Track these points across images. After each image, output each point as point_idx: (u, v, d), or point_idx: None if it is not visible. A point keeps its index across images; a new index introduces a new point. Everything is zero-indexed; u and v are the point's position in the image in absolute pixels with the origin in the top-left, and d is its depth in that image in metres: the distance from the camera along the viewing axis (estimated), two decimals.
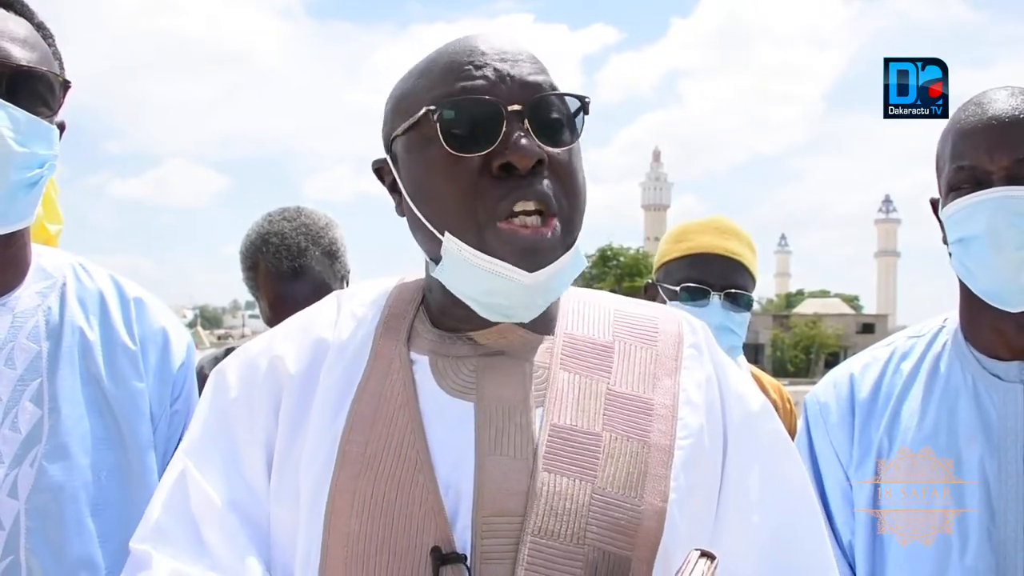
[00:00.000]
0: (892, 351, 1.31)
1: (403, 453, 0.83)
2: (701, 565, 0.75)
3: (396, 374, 0.88)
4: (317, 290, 1.75)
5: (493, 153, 0.82)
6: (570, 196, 0.86)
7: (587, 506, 0.82)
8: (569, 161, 0.86)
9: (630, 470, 0.84)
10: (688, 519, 0.85)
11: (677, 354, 0.93)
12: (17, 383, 1.09)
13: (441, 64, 0.87)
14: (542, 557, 0.79)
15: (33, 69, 1.06)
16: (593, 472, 0.83)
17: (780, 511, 0.90)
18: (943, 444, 1.18)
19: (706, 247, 1.81)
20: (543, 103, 0.85)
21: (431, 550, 0.79)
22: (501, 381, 0.88)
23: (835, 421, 1.28)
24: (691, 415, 0.89)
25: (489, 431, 0.85)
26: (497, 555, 0.80)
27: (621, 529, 0.81)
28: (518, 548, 0.80)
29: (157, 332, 1.23)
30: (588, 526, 0.81)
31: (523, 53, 0.87)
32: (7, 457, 1.06)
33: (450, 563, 0.78)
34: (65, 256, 1.24)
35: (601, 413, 0.87)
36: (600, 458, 0.84)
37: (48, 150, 1.09)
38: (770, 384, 2.11)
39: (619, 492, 0.83)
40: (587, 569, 0.80)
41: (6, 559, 1.04)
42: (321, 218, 1.85)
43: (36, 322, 1.13)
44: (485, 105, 0.83)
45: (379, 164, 0.95)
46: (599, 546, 0.81)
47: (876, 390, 1.27)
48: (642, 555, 0.81)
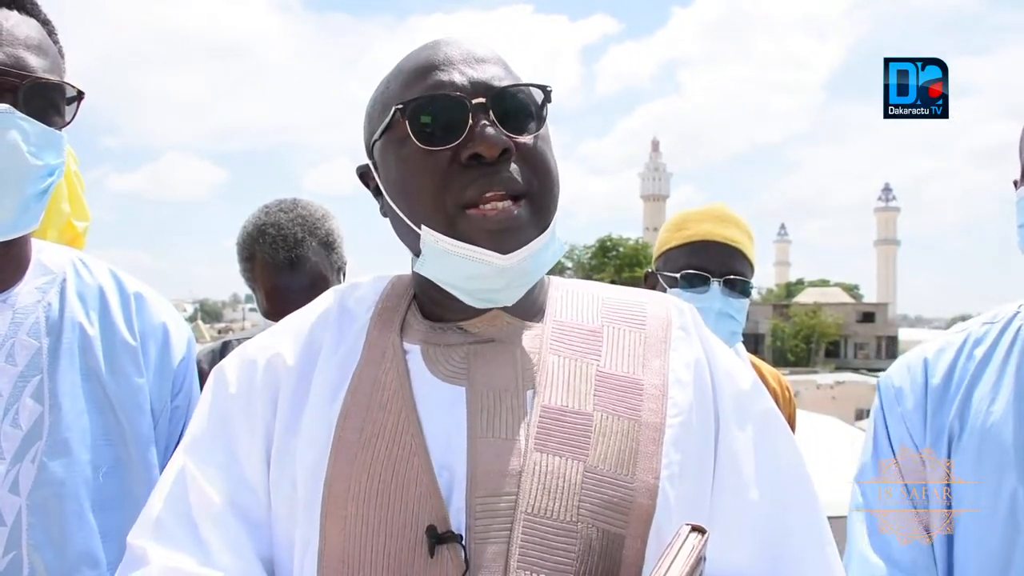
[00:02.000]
0: (966, 336, 1.31)
1: (398, 438, 0.85)
2: (692, 539, 0.76)
3: (390, 363, 0.91)
4: (314, 281, 1.75)
5: (461, 145, 0.86)
6: (540, 178, 0.89)
7: (579, 484, 0.83)
8: (535, 146, 0.90)
9: (621, 448, 0.86)
10: (681, 496, 0.86)
11: (666, 336, 0.95)
12: (18, 379, 1.09)
13: (409, 68, 0.92)
14: (536, 535, 0.81)
15: (49, 80, 1.06)
16: (585, 451, 0.85)
17: (775, 488, 0.91)
18: (1012, 429, 1.18)
19: (705, 235, 1.81)
20: (505, 94, 0.89)
21: (427, 529, 0.81)
22: (491, 366, 0.90)
23: (910, 406, 1.29)
24: (681, 394, 0.91)
25: (481, 414, 0.86)
26: (492, 534, 0.81)
27: (614, 506, 0.83)
28: (512, 527, 0.81)
29: (157, 327, 1.23)
30: (581, 504, 0.82)
31: (488, 53, 0.92)
32: (8, 453, 1.06)
33: (446, 542, 0.80)
34: (65, 251, 1.24)
35: (592, 393, 0.89)
36: (592, 437, 0.86)
37: (58, 158, 1.10)
38: (770, 374, 2.12)
39: (611, 470, 0.84)
40: (581, 546, 0.81)
41: (8, 555, 1.04)
42: (317, 209, 1.85)
43: (36, 318, 1.13)
44: (451, 100, 0.87)
45: (363, 169, 0.99)
46: (593, 523, 0.82)
47: (949, 375, 1.28)
48: (635, 532, 0.83)
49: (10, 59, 1.03)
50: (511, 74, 0.91)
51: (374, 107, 0.95)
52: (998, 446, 1.18)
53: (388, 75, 0.95)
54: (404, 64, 0.93)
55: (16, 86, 1.03)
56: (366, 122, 0.97)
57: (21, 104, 1.03)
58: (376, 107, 0.95)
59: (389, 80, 0.94)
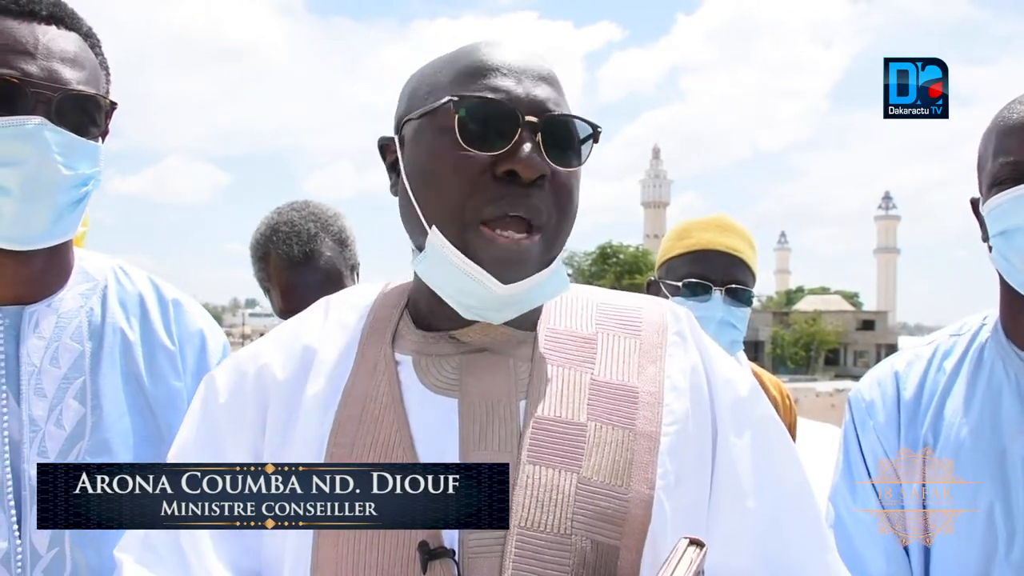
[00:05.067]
0: (935, 349, 1.31)
1: (390, 452, 0.84)
2: (690, 553, 0.74)
3: (381, 375, 0.89)
4: (328, 276, 1.75)
5: (502, 157, 0.83)
6: (561, 215, 0.88)
7: (573, 496, 0.82)
8: (568, 182, 0.88)
9: (616, 458, 0.85)
10: (677, 506, 0.85)
11: (661, 342, 0.94)
12: (62, 381, 1.12)
13: (467, 62, 0.88)
14: (530, 549, 0.80)
15: (82, 92, 1.08)
16: (578, 462, 0.84)
17: (774, 495, 0.90)
18: (987, 440, 1.18)
19: (707, 243, 1.82)
20: (557, 121, 0.86)
21: (419, 545, 0.79)
22: (484, 377, 0.89)
23: (883, 420, 1.28)
24: (676, 401, 0.90)
25: (473, 426, 0.85)
26: (485, 548, 0.80)
27: (608, 518, 0.82)
28: (505, 541, 0.80)
29: (195, 333, 1.26)
30: (575, 516, 0.81)
31: (548, 74, 0.89)
32: (53, 453, 1.09)
33: (438, 557, 0.79)
34: (106, 259, 1.27)
35: (585, 403, 0.88)
36: (585, 448, 0.85)
37: (93, 168, 1.11)
38: (770, 381, 2.12)
39: (605, 481, 0.83)
40: (575, 559, 0.80)
41: (52, 550, 1.07)
42: (329, 208, 1.86)
43: (79, 322, 1.16)
44: (505, 110, 0.84)
45: (385, 141, 0.96)
46: (587, 536, 0.81)
47: (920, 388, 1.28)
48: (630, 544, 0.82)
49: (44, 72, 1.05)
50: (564, 102, 0.89)
51: (418, 86, 0.92)
52: (973, 459, 1.18)
53: (440, 59, 0.93)
54: (463, 54, 0.90)
55: (50, 99, 1.05)
56: (404, 97, 0.94)
57: (54, 116, 1.05)
58: (421, 87, 0.91)
59: (442, 65, 0.91)
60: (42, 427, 1.09)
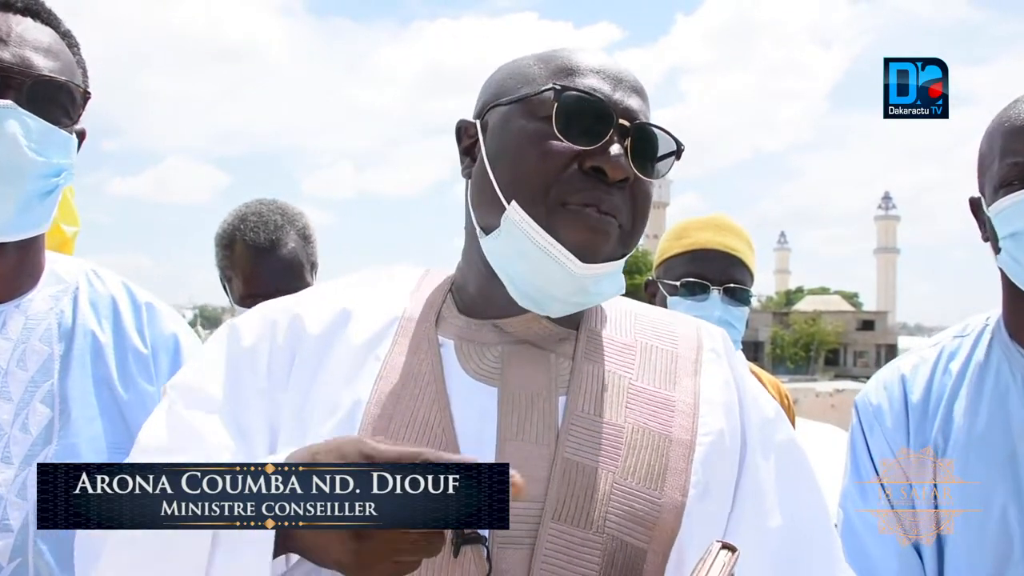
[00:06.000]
0: (940, 351, 1.32)
1: (428, 431, 0.84)
2: (722, 557, 0.74)
3: (424, 354, 0.90)
4: (291, 267, 1.79)
5: (591, 152, 0.86)
6: (636, 219, 0.90)
7: (608, 495, 0.83)
8: (648, 191, 0.91)
9: (651, 463, 0.86)
10: (703, 515, 0.86)
11: (697, 357, 0.96)
12: (28, 384, 1.09)
13: (566, 60, 0.91)
14: (560, 543, 0.80)
15: (54, 79, 1.06)
16: (615, 462, 0.85)
17: (794, 517, 0.92)
18: (998, 441, 1.19)
19: (705, 243, 1.83)
20: (647, 131, 0.90)
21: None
22: (525, 368, 0.89)
23: (891, 424, 1.28)
24: (711, 413, 0.91)
25: (512, 416, 0.86)
26: (516, 540, 0.81)
27: (640, 520, 0.83)
28: (538, 533, 0.81)
29: (168, 338, 1.23)
30: (608, 515, 0.82)
31: (641, 87, 0.92)
32: (17, 458, 1.05)
33: (471, 543, 0.79)
34: (78, 262, 1.25)
35: (624, 405, 0.89)
36: (622, 448, 0.86)
37: (65, 159, 1.10)
38: (768, 381, 2.12)
39: (640, 484, 0.84)
40: (604, 557, 0.81)
41: (14, 561, 1.03)
42: (295, 206, 1.91)
43: (49, 325, 1.13)
44: (602, 107, 0.87)
45: (464, 124, 0.97)
46: (617, 536, 0.82)
47: (928, 391, 1.28)
48: (658, 547, 0.83)
49: (15, 58, 1.04)
50: (651, 117, 0.92)
51: (509, 77, 0.94)
52: (984, 461, 1.18)
53: (530, 56, 0.95)
54: (557, 55, 0.92)
55: (21, 84, 1.03)
56: (492, 85, 0.96)
57: (25, 101, 1.03)
58: (512, 78, 0.93)
59: (534, 61, 0.93)
60: (7, 431, 1.06)
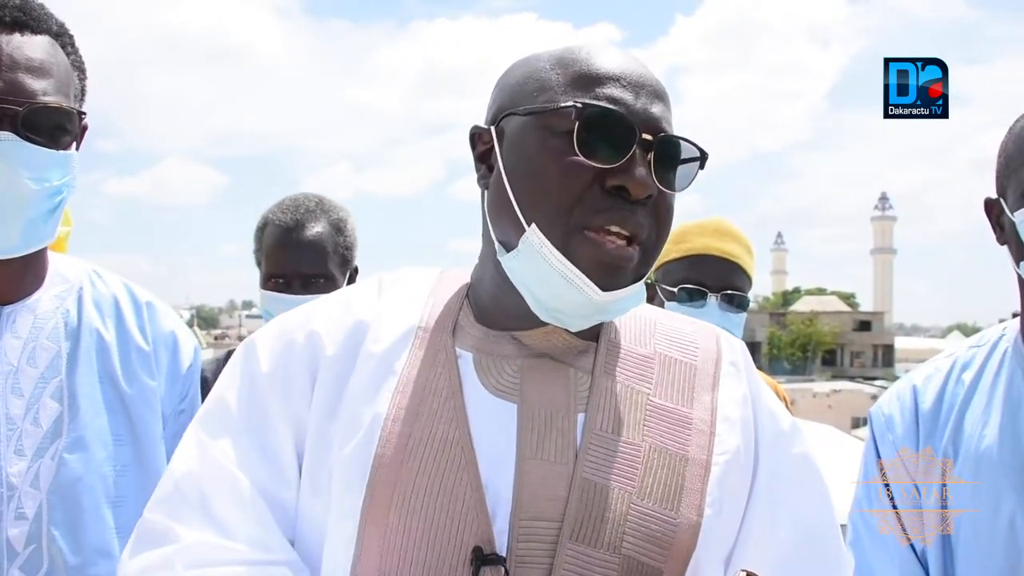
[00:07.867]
0: (953, 362, 1.32)
1: (447, 449, 0.83)
2: None
3: (441, 367, 0.88)
4: (311, 248, 1.77)
5: (613, 171, 0.83)
6: (659, 235, 0.88)
7: (625, 515, 0.83)
8: (670, 203, 0.88)
9: (668, 483, 0.85)
10: (718, 532, 0.87)
11: (716, 370, 0.95)
12: (39, 380, 1.14)
13: (584, 66, 0.87)
14: (577, 564, 0.80)
15: (48, 104, 1.07)
16: (632, 482, 0.84)
17: (803, 530, 0.92)
18: (1008, 451, 1.19)
19: (704, 248, 1.82)
20: (671, 143, 0.87)
21: (473, 549, 0.79)
22: (544, 384, 0.88)
23: (901, 433, 1.29)
24: (727, 432, 0.91)
25: (531, 434, 0.85)
26: (533, 559, 0.80)
27: (656, 540, 0.82)
28: (555, 553, 0.80)
29: (168, 335, 1.29)
30: (624, 535, 0.82)
31: (662, 90, 0.89)
32: (29, 450, 1.12)
33: (490, 564, 0.79)
34: (80, 263, 1.30)
35: (642, 423, 0.88)
36: (639, 468, 0.85)
37: (66, 176, 1.12)
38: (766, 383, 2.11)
39: (656, 504, 0.84)
40: None
41: (29, 547, 1.09)
42: (339, 203, 1.90)
43: (56, 323, 1.19)
44: (625, 123, 0.83)
45: (479, 131, 0.93)
46: (633, 556, 0.81)
47: (939, 401, 1.28)
48: (673, 567, 0.82)
49: (8, 86, 1.05)
50: (672, 121, 0.89)
51: (525, 81, 0.90)
52: (993, 470, 1.18)
53: (546, 56, 0.91)
54: (576, 57, 0.88)
55: (16, 113, 1.04)
56: (507, 89, 0.92)
57: (21, 129, 1.04)
58: (528, 83, 0.89)
59: (551, 63, 0.89)
60: (19, 425, 1.11)
